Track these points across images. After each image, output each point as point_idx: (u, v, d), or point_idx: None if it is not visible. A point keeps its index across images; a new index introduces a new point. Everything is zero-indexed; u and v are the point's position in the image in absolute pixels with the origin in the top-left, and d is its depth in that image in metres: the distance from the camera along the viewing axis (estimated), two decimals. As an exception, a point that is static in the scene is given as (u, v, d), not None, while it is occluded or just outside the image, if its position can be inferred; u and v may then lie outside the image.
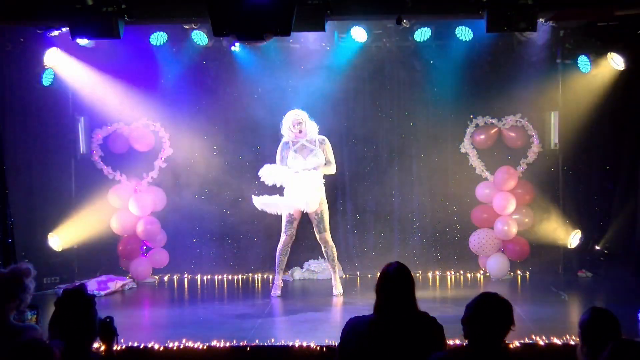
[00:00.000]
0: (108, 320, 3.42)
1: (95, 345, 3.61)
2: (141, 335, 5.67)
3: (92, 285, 7.55)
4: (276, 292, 7.36)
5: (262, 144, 8.57)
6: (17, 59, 7.68)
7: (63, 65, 7.99)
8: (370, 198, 8.71)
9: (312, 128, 7.28)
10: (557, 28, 7.76)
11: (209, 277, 8.60)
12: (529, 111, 8.41)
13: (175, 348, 5.34)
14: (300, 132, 7.17)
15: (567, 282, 8.03)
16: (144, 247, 8.55)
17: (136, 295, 7.86)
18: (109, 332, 3.41)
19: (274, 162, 7.29)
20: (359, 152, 8.66)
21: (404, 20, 6.81)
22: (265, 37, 5.92)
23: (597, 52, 7.89)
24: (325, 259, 7.69)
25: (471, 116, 8.48)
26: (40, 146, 8.08)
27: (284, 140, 7.28)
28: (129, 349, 5.32)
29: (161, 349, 5.35)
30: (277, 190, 7.18)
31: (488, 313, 3.08)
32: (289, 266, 8.09)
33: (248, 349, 5.34)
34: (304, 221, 7.55)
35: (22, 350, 2.95)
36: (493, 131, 8.42)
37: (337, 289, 7.36)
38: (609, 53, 7.76)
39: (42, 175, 8.05)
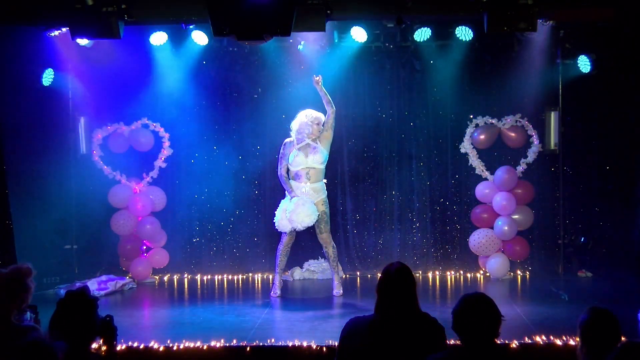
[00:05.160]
0: (108, 318, 3.41)
1: (95, 345, 3.61)
2: (141, 335, 5.66)
3: (92, 285, 7.52)
4: (276, 292, 7.36)
5: (262, 144, 8.59)
6: (17, 59, 7.68)
7: (63, 65, 8.00)
8: (370, 198, 8.71)
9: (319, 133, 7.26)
10: (557, 28, 7.76)
11: (209, 277, 8.60)
12: (529, 111, 8.41)
13: (175, 348, 5.35)
14: (312, 131, 7.14)
15: (567, 282, 8.03)
16: (144, 247, 8.54)
17: (136, 295, 7.85)
18: (109, 330, 3.41)
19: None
20: (359, 152, 8.66)
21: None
22: (265, 37, 5.93)
23: (597, 52, 7.89)
24: (325, 259, 7.69)
25: (471, 116, 8.48)
26: (40, 146, 8.08)
27: (287, 140, 7.25)
28: (129, 349, 5.32)
29: (161, 349, 5.35)
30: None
31: (475, 314, 3.08)
32: (289, 266, 8.08)
33: (248, 349, 5.34)
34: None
35: (25, 351, 2.95)
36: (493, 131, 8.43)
37: (337, 289, 7.36)
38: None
39: (42, 176, 8.04)
